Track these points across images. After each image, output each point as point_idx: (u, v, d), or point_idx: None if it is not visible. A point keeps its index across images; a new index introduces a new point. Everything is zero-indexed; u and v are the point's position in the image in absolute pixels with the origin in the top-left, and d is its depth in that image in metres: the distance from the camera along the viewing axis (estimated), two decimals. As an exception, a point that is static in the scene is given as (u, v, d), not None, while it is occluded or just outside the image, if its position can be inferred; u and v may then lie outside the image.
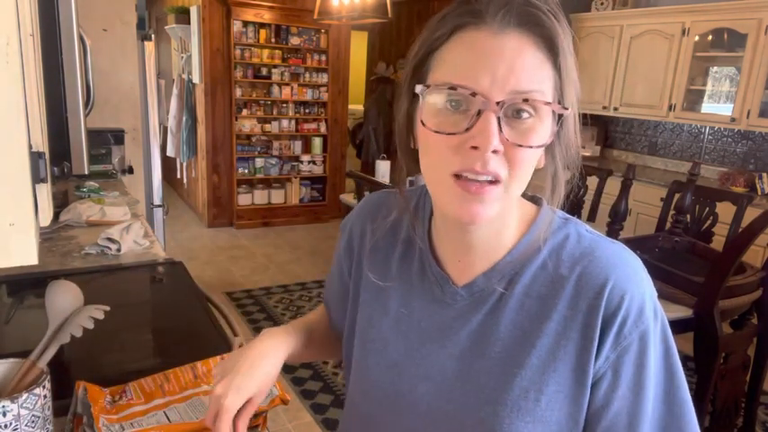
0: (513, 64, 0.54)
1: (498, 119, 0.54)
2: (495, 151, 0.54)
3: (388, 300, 0.72)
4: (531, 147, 0.55)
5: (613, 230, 2.49)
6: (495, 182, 0.56)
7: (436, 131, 0.56)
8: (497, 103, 0.53)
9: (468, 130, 0.55)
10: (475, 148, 0.54)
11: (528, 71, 0.54)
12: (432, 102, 0.57)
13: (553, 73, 0.56)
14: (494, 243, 0.65)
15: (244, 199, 5.63)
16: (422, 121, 0.58)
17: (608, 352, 0.60)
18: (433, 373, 0.66)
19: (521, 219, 0.66)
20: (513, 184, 0.57)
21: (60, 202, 2.16)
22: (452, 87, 0.55)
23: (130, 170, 2.99)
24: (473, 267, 0.66)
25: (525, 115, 0.55)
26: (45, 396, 0.78)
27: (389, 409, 0.69)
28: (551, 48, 0.55)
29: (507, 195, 0.58)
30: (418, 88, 0.58)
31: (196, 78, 5.40)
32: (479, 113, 0.54)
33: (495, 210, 0.58)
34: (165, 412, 0.89)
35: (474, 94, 0.54)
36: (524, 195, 0.68)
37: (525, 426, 0.60)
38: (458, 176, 0.56)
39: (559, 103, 0.57)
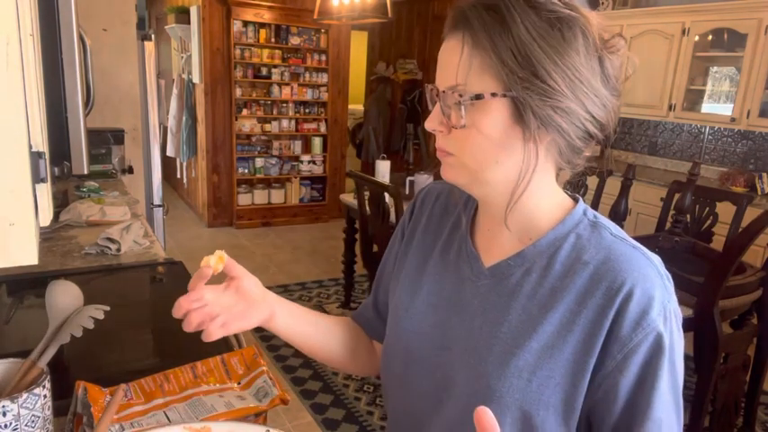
0: (448, 61, 0.64)
1: (442, 105, 0.65)
2: (440, 131, 0.66)
3: (426, 274, 0.79)
4: (455, 127, 0.64)
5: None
6: (451, 153, 0.67)
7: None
8: (437, 94, 0.66)
9: None
10: None
11: (458, 67, 0.63)
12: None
13: (494, 63, 0.61)
14: (522, 234, 0.71)
15: (244, 199, 5.64)
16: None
17: (615, 352, 0.62)
18: (452, 343, 0.73)
19: (553, 214, 0.70)
20: (465, 158, 0.66)
21: (60, 202, 2.16)
22: (426, 84, 0.69)
23: (130, 170, 2.99)
24: (501, 253, 0.72)
25: (461, 102, 0.63)
26: (45, 396, 0.78)
27: (413, 371, 0.77)
28: (482, 43, 0.61)
29: (465, 167, 0.67)
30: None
31: (196, 78, 5.40)
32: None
33: (459, 176, 0.68)
34: (164, 412, 0.89)
35: (433, 86, 0.67)
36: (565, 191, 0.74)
37: (514, 402, 0.65)
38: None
39: (510, 90, 0.61)
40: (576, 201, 0.72)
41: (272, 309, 0.78)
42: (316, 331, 0.86)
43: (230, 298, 0.74)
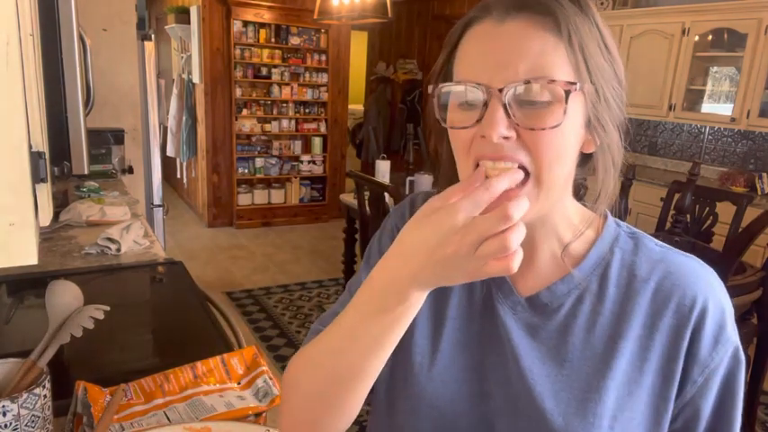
0: (515, 48, 0.52)
1: (506, 105, 0.51)
2: (507, 138, 0.52)
3: (447, 307, 0.65)
4: (543, 128, 0.51)
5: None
6: (523, 167, 0.53)
7: (452, 127, 0.56)
8: (500, 89, 0.51)
9: (479, 121, 0.53)
10: (485, 137, 0.53)
11: (532, 54, 0.51)
12: (444, 99, 0.56)
13: (568, 53, 0.52)
14: (558, 256, 0.62)
15: (244, 199, 5.64)
16: (439, 119, 0.57)
17: (696, 375, 0.57)
18: (493, 389, 0.61)
19: (578, 228, 0.62)
20: (543, 174, 0.53)
21: (60, 202, 2.16)
22: (458, 83, 0.55)
23: (130, 170, 2.99)
24: (537, 279, 0.62)
25: (538, 98, 0.51)
26: (45, 396, 0.78)
27: (440, 427, 0.62)
28: (560, 28, 0.52)
29: (542, 189, 0.53)
30: (429, 88, 0.57)
31: (196, 78, 5.40)
32: (486, 104, 0.52)
33: (535, 208, 0.53)
34: (164, 412, 0.89)
35: (478, 85, 0.52)
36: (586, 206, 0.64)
37: None
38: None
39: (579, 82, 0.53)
40: (601, 213, 0.63)
41: None
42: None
43: None
